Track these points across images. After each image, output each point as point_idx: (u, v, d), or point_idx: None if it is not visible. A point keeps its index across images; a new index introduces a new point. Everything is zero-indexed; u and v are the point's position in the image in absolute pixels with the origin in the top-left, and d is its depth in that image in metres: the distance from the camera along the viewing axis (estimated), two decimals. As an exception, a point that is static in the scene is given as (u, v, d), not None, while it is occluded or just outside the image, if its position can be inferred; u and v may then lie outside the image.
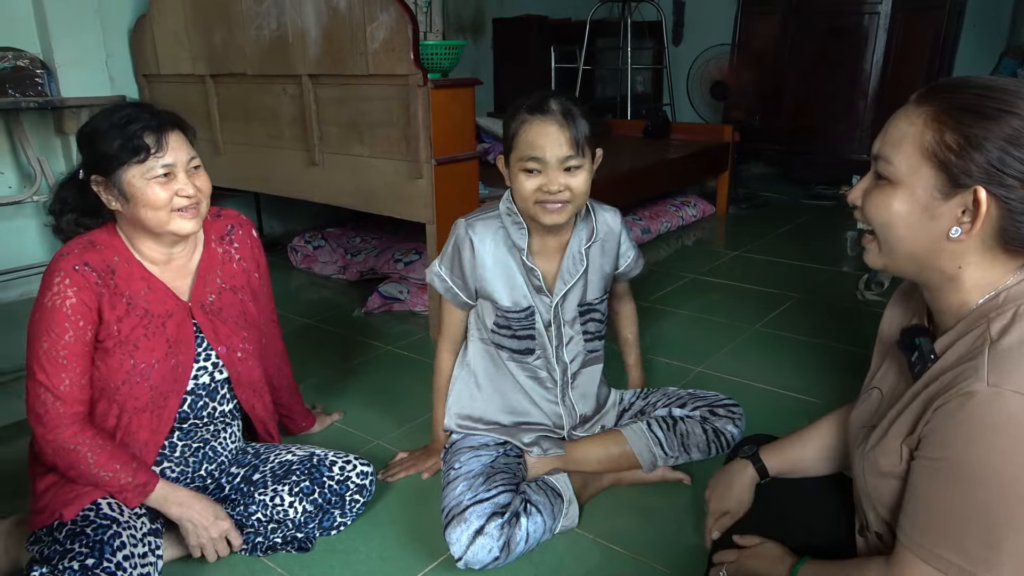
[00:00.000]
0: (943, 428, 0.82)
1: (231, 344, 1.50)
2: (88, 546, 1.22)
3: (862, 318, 2.66)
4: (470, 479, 1.49)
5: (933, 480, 0.83)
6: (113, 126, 1.30)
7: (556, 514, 1.50)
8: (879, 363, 1.07)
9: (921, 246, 0.86)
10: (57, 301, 1.28)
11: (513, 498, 1.46)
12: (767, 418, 1.89)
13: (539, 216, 1.47)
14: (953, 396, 0.80)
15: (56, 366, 1.28)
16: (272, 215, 3.87)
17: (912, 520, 0.86)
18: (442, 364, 1.73)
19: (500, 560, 1.38)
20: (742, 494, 1.25)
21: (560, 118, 1.42)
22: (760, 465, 1.24)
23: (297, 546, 1.48)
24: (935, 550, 0.83)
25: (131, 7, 3.23)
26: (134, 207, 1.32)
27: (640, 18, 5.33)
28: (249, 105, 2.90)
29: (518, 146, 1.45)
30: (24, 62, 2.77)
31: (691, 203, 4.15)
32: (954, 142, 0.81)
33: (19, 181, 3.02)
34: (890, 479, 0.91)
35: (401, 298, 2.82)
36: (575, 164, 1.44)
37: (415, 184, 2.38)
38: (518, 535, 1.40)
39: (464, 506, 1.41)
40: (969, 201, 0.82)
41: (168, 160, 1.32)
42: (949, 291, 0.88)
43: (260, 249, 1.62)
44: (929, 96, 0.85)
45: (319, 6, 2.44)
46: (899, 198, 0.86)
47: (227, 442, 1.55)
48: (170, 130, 1.34)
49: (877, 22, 4.55)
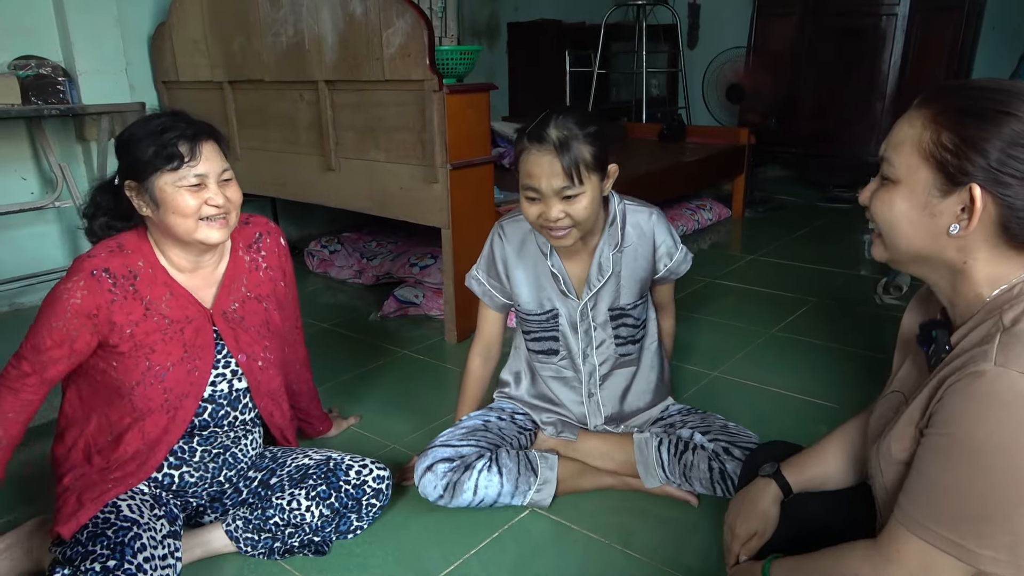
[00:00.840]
0: (950, 405, 0.83)
1: (252, 353, 1.51)
2: (109, 548, 1.24)
3: (881, 322, 2.64)
4: (456, 428, 1.66)
5: (936, 455, 0.84)
6: (149, 133, 1.32)
7: (520, 484, 1.57)
8: (898, 366, 1.08)
9: (923, 243, 0.89)
10: (65, 295, 1.33)
11: (478, 453, 1.58)
12: (785, 424, 1.88)
13: (548, 239, 1.50)
14: (962, 375, 0.82)
15: (33, 334, 1.35)
16: (288, 220, 3.90)
17: (910, 496, 0.87)
18: (472, 369, 1.76)
19: (445, 500, 1.54)
20: (768, 512, 1.21)
21: (554, 149, 1.39)
22: (783, 482, 1.21)
23: (314, 550, 1.49)
24: (929, 524, 0.84)
25: (151, 15, 3.27)
26: (164, 214, 1.34)
27: (655, 21, 5.32)
28: (266, 111, 2.92)
29: (520, 171, 1.46)
30: (46, 70, 2.81)
31: (707, 206, 4.14)
32: (950, 142, 0.84)
33: (41, 187, 3.06)
34: (903, 467, 0.92)
35: (417, 302, 2.83)
36: (571, 193, 1.42)
37: (431, 189, 2.39)
38: (466, 484, 1.53)
39: (432, 446, 1.61)
40: (966, 199, 0.84)
41: (201, 170, 1.34)
42: (960, 286, 0.90)
43: (287, 257, 1.63)
44: (928, 99, 0.88)
45: (336, 12, 2.46)
46: (900, 197, 0.89)
47: (247, 449, 1.56)
48: (204, 140, 1.35)
49: (895, 23, 4.52)
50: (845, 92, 4.78)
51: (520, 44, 5.36)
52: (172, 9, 3.12)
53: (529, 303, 1.64)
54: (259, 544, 1.47)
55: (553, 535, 1.54)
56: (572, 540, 1.52)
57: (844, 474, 1.20)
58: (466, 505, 1.55)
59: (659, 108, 5.62)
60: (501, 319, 1.72)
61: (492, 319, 1.73)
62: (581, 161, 1.40)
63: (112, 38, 3.06)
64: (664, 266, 1.65)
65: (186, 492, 1.49)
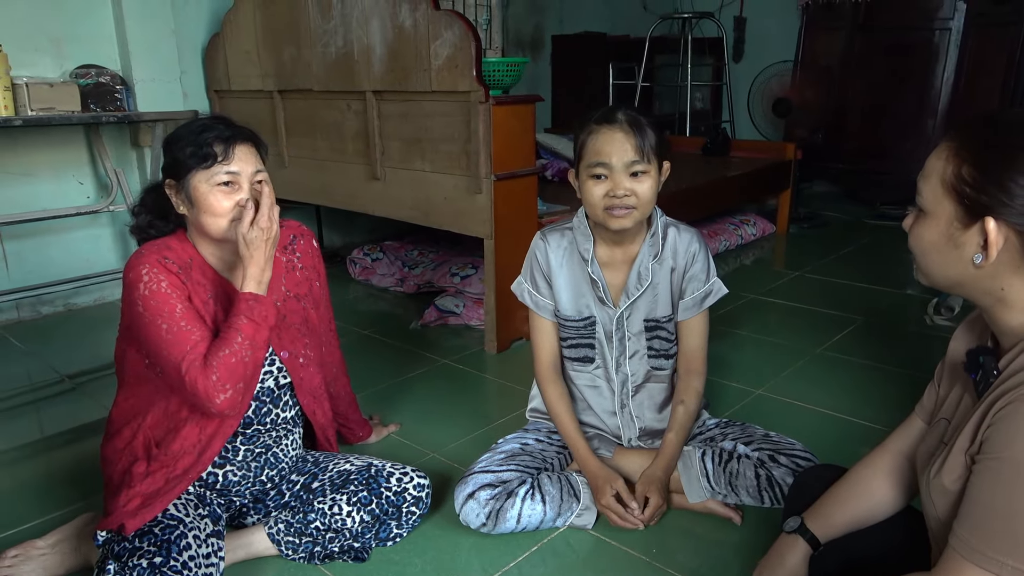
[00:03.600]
0: (1003, 429, 0.82)
1: (294, 349, 1.53)
2: (156, 545, 1.26)
3: (931, 343, 2.57)
4: (495, 453, 1.65)
5: (991, 480, 0.83)
6: (189, 133, 1.37)
7: (563, 510, 1.56)
8: (945, 393, 1.06)
9: (955, 271, 0.91)
10: (153, 286, 1.33)
11: (520, 479, 1.56)
12: (830, 444, 1.84)
13: (607, 222, 1.50)
14: (1013, 398, 0.82)
15: (184, 334, 1.32)
16: (332, 228, 3.95)
17: (965, 523, 0.85)
18: (550, 397, 1.67)
19: (487, 527, 1.51)
20: (796, 574, 1.18)
21: (626, 126, 1.46)
22: (810, 536, 1.18)
23: (353, 556, 1.49)
24: (988, 552, 0.81)
25: (205, 26, 3.36)
26: (197, 212, 1.37)
27: (701, 35, 5.29)
28: (314, 120, 2.97)
29: (586, 154, 1.49)
30: (105, 78, 2.91)
31: (751, 221, 4.08)
32: (969, 175, 0.86)
33: (96, 191, 3.16)
34: (956, 496, 0.90)
35: (457, 312, 2.84)
36: (641, 169, 1.46)
37: (474, 199, 2.40)
38: (509, 512, 1.51)
39: (472, 472, 1.59)
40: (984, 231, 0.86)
41: (233, 168, 1.36)
42: (1003, 312, 0.90)
43: (320, 258, 1.67)
44: (956, 132, 0.90)
45: (385, 24, 2.50)
46: (928, 227, 0.92)
47: (288, 449, 1.58)
48: (240, 142, 1.39)
49: (948, 38, 4.42)
50: (895, 108, 4.68)
51: (564, 57, 5.37)
52: (226, 20, 3.20)
53: (568, 309, 1.64)
54: (300, 548, 1.48)
55: (594, 550, 1.52)
56: (613, 556, 1.50)
57: (892, 503, 1.16)
58: (508, 532, 1.54)
59: (703, 122, 5.58)
60: (557, 328, 1.69)
61: (548, 330, 1.68)
62: (648, 141, 1.46)
63: (168, 48, 3.16)
64: (689, 290, 1.61)
65: (229, 491, 1.51)
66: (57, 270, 3.03)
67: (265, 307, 1.36)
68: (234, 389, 1.32)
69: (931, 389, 1.12)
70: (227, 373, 1.30)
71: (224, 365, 1.30)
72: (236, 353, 1.31)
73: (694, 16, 4.98)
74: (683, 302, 1.63)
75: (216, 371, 1.30)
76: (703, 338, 1.66)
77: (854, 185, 4.99)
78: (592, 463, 1.60)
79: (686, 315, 1.63)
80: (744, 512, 1.60)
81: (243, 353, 1.32)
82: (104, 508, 1.43)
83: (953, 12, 4.37)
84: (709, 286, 1.62)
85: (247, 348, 1.33)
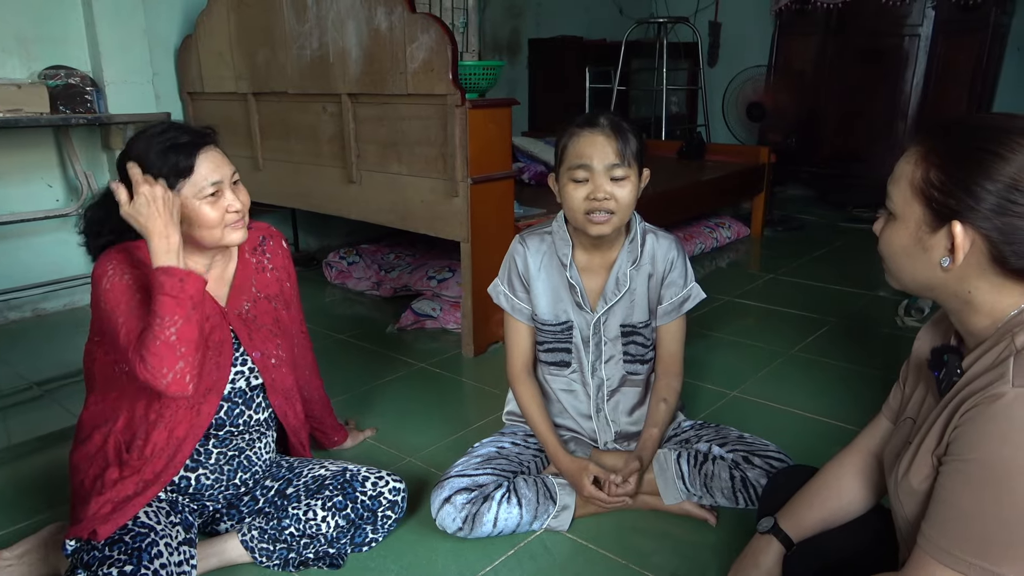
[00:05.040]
0: (970, 431, 0.83)
1: (265, 350, 1.53)
2: (126, 553, 1.24)
3: (901, 344, 2.60)
4: (471, 457, 1.65)
5: (959, 482, 0.83)
6: (158, 153, 1.33)
7: (539, 513, 1.57)
8: (910, 392, 1.08)
9: (924, 275, 0.91)
10: (115, 279, 1.33)
11: (496, 482, 1.56)
12: (804, 446, 1.86)
13: (586, 228, 1.50)
14: (979, 400, 0.82)
15: (134, 325, 1.30)
16: (308, 231, 3.92)
17: (933, 524, 0.86)
18: (523, 396, 1.69)
19: (464, 532, 1.51)
20: (770, 574, 1.20)
21: (608, 130, 1.47)
22: (783, 536, 1.20)
23: (329, 562, 1.48)
24: (956, 552, 0.82)
25: (177, 28, 3.32)
26: (189, 228, 1.37)
27: (676, 39, 5.33)
28: (289, 123, 2.95)
29: (567, 157, 1.50)
30: (75, 80, 2.86)
31: (726, 225, 4.12)
32: (936, 179, 0.87)
33: (66, 195, 3.11)
34: (924, 496, 0.91)
35: (434, 315, 2.83)
36: (621, 174, 1.47)
37: (451, 202, 2.39)
38: (486, 516, 1.51)
39: (448, 476, 1.58)
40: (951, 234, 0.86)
41: (216, 177, 1.37)
42: (970, 315, 0.91)
43: (290, 259, 1.67)
44: (925, 136, 0.91)
45: (360, 26, 2.49)
46: (897, 231, 0.93)
47: (262, 452, 1.56)
48: (211, 147, 1.39)
49: (918, 44, 4.50)
50: (867, 112, 4.75)
51: (541, 60, 5.39)
52: (199, 21, 3.17)
53: (546, 313, 1.65)
54: (274, 555, 1.46)
55: (571, 554, 1.53)
56: (589, 559, 1.51)
57: (862, 502, 1.18)
58: (485, 536, 1.54)
59: (679, 125, 5.62)
60: (532, 332, 1.70)
61: (524, 333, 1.69)
62: (630, 147, 1.47)
63: (140, 49, 3.11)
64: (667, 296, 1.63)
65: (202, 495, 1.49)
66: (25, 274, 2.97)
67: (176, 277, 1.28)
68: (173, 371, 1.26)
69: (897, 389, 1.13)
70: (156, 358, 1.25)
71: (150, 351, 1.25)
72: (159, 335, 1.25)
73: (670, 21, 5.02)
74: (661, 307, 1.64)
75: (146, 359, 1.25)
76: (680, 343, 1.68)
77: (827, 188, 5.06)
78: (564, 457, 1.61)
79: (664, 320, 1.65)
80: (719, 513, 1.61)
81: (166, 333, 1.26)
82: (73, 516, 1.40)
83: (922, 18, 4.46)
84: (687, 292, 1.64)
85: (169, 326, 1.26)
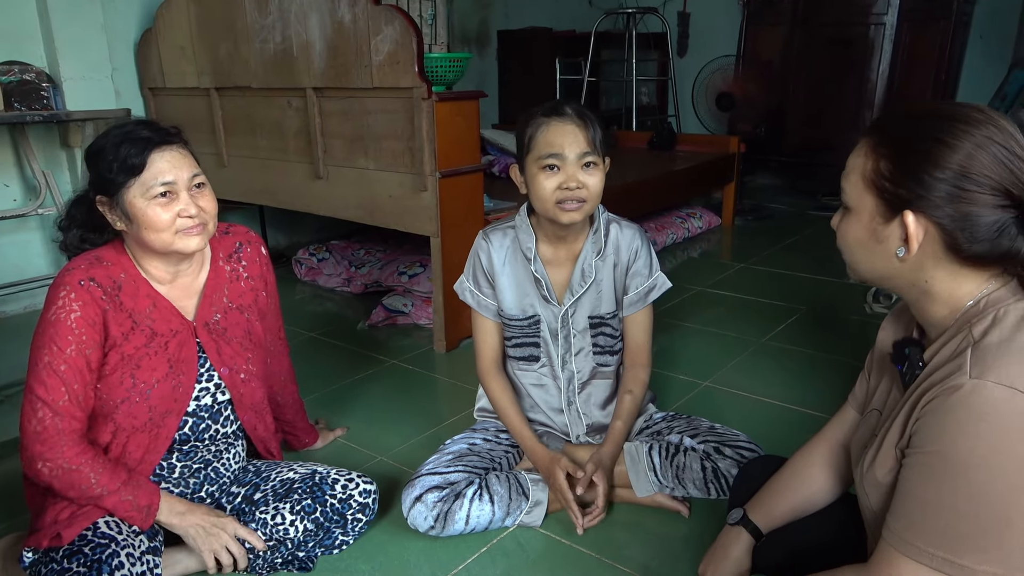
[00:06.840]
0: (930, 423, 0.83)
1: (234, 365, 1.48)
2: (86, 565, 1.21)
3: (870, 331, 2.62)
4: (442, 454, 1.62)
5: (920, 475, 0.84)
6: (112, 146, 1.29)
7: (512, 509, 1.55)
8: (876, 383, 1.08)
9: (881, 266, 0.91)
10: (61, 315, 1.27)
11: (468, 480, 1.54)
12: (776, 434, 1.86)
13: (557, 216, 1.49)
14: (939, 392, 0.82)
15: (56, 380, 1.26)
16: (277, 228, 3.86)
17: (897, 516, 0.86)
18: (494, 391, 1.67)
19: (436, 530, 1.50)
20: (740, 562, 1.21)
21: (577, 119, 1.47)
22: (752, 527, 1.21)
23: (298, 566, 1.46)
24: (919, 544, 0.82)
25: (137, 21, 3.24)
26: (138, 228, 1.31)
27: (645, 30, 5.33)
28: (254, 118, 2.90)
29: (536, 147, 1.48)
30: (30, 76, 2.78)
31: (697, 215, 4.13)
32: (886, 170, 0.87)
33: (24, 194, 3.02)
34: (889, 488, 0.91)
35: (405, 311, 2.81)
36: (592, 161, 1.47)
37: (420, 197, 2.37)
38: (458, 514, 1.50)
39: (420, 474, 1.56)
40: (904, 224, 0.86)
41: (168, 178, 1.30)
42: (928, 304, 0.91)
43: (269, 267, 1.60)
44: (873, 127, 0.91)
45: (324, 19, 2.44)
46: (852, 224, 0.93)
47: (230, 463, 1.53)
48: (169, 146, 1.32)
49: (883, 33, 4.54)
50: (834, 101, 4.79)
51: (510, 52, 5.35)
52: (159, 15, 3.09)
53: (512, 308, 1.64)
54: (242, 560, 1.43)
55: (544, 550, 1.52)
56: (563, 554, 1.50)
57: (830, 492, 1.18)
58: (457, 534, 1.52)
59: (649, 116, 5.63)
60: (499, 328, 1.69)
61: (491, 329, 1.68)
62: (597, 135, 1.48)
63: (97, 44, 3.03)
64: (633, 285, 1.63)
65: (166, 508, 1.45)
66: (-17, 277, 2.89)
67: (144, 517, 1.32)
68: (50, 481, 1.27)
69: (862, 379, 1.14)
70: (62, 483, 1.27)
71: (65, 477, 1.26)
72: (77, 486, 1.27)
73: (638, 11, 5.01)
74: (627, 297, 1.64)
75: (58, 476, 1.26)
76: (647, 332, 1.68)
77: (796, 177, 5.10)
78: (539, 449, 1.61)
79: (631, 310, 1.65)
80: (691, 504, 1.61)
81: (89, 494, 1.28)
82: (31, 526, 1.36)
83: (887, 7, 4.49)
84: (652, 281, 1.63)
85: (91, 496, 1.28)
